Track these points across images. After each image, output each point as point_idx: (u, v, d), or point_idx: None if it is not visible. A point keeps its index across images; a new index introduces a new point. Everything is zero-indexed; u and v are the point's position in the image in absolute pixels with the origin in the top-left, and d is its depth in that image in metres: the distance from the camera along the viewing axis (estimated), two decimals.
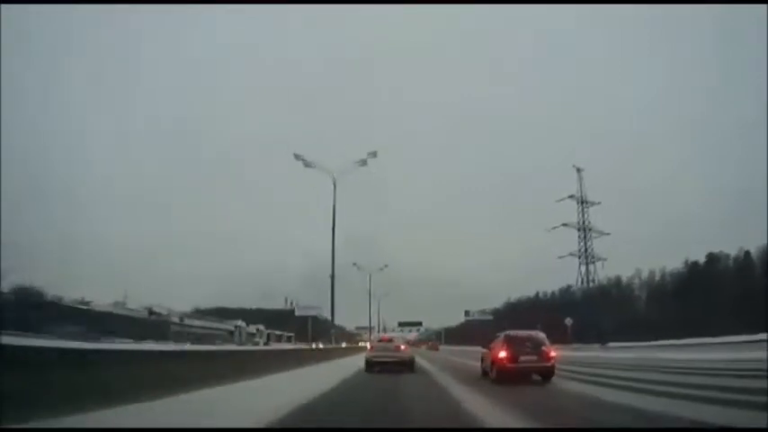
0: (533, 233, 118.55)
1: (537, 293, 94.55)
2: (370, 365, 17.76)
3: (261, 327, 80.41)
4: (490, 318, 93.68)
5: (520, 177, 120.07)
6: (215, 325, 71.49)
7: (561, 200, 70.69)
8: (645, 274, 70.96)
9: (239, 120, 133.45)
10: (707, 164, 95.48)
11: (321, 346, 48.18)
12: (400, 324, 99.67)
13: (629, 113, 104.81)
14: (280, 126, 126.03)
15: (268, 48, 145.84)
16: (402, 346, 18.20)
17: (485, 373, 14.83)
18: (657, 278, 68.95)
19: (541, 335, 13.89)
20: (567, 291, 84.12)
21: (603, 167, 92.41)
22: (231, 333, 72.93)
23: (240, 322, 75.71)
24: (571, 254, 71.53)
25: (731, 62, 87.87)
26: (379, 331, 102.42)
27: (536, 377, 13.22)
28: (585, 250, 70.80)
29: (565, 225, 71.15)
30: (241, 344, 59.09)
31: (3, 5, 34.16)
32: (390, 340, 19.25)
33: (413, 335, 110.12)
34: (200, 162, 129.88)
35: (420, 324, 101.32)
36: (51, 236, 71.79)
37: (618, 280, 73.57)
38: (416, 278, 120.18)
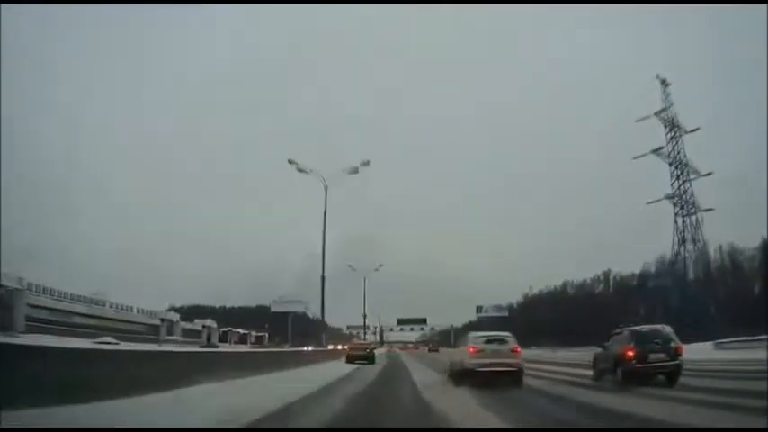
0: (557, 219, 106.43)
1: (564, 284, 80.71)
2: (467, 374, 12.64)
3: (209, 322, 67.37)
4: (506, 314, 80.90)
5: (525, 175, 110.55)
6: (125, 317, 54.93)
7: (641, 119, 49.98)
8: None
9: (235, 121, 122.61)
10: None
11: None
12: (399, 321, 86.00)
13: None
14: (278, 126, 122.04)
15: (268, 48, 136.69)
16: (516, 347, 13.05)
17: (599, 376, 13.61)
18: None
19: (668, 329, 12.45)
20: (604, 277, 70.58)
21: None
22: (157, 328, 57.97)
23: (171, 314, 61.92)
24: (667, 196, 50.34)
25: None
26: (371, 332, 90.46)
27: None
28: (682, 194, 49.09)
29: (656, 152, 49.95)
30: (162, 342, 45.23)
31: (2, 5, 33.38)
32: (503, 341, 13.28)
33: (414, 334, 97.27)
34: (195, 162, 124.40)
35: (424, 322, 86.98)
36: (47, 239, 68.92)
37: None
38: (423, 278, 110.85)
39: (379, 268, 52.89)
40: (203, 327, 64.82)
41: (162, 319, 60.06)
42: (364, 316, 50.72)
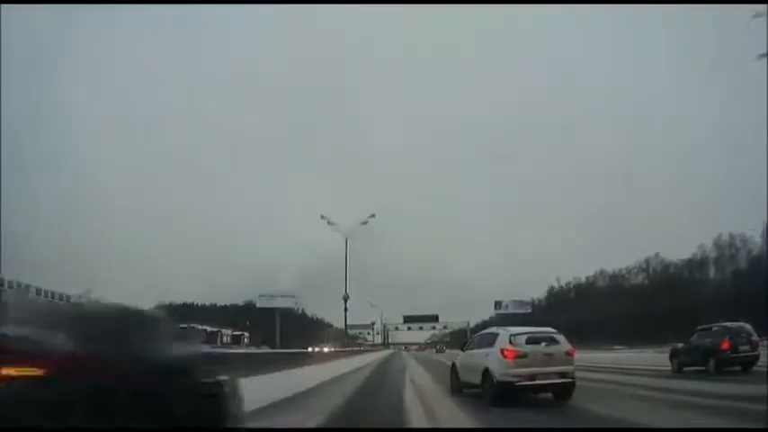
0: (588, 202, 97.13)
1: (596, 275, 70.98)
2: (500, 393, 8.87)
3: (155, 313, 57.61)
4: (529, 310, 71.78)
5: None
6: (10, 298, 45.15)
7: (758, 15, 36.58)
8: None
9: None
10: None
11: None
12: (407, 319, 77.17)
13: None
14: (277, 122, 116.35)
15: (270, 49, 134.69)
16: (571, 350, 9.39)
17: (679, 368, 15.52)
18: None
19: (749, 326, 14.76)
20: (646, 265, 60.70)
21: None
22: None
23: (83, 297, 50.67)
24: None
25: None
26: (375, 331, 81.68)
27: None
28: None
29: None
30: None
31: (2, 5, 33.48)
32: (552, 340, 9.43)
33: (424, 334, 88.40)
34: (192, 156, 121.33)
35: (435, 319, 77.95)
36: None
37: None
38: (435, 274, 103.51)
39: (369, 221, 38.32)
40: None
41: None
42: (345, 299, 36.81)
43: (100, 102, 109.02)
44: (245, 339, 66.28)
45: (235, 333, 65.96)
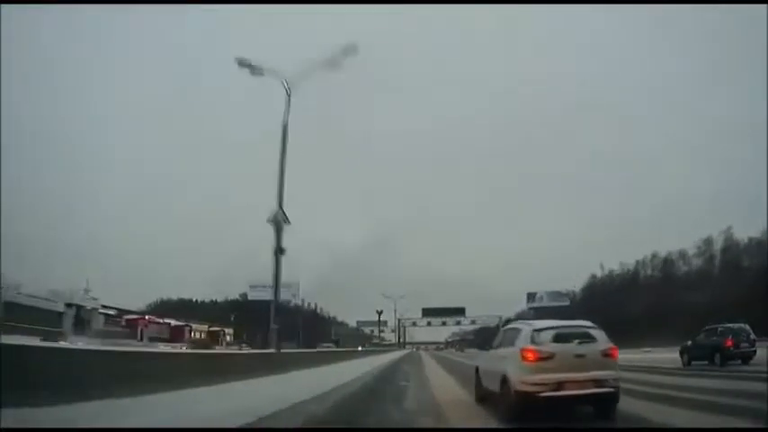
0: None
1: (645, 259, 62.23)
2: (517, 405, 7.40)
3: (84, 299, 44.41)
4: (566, 303, 64.04)
5: None
6: None
7: None
8: None
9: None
10: None
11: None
12: (426, 313, 69.71)
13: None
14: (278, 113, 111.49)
15: (264, 47, 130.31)
16: (612, 349, 7.37)
17: (689, 362, 18.63)
18: None
19: (747, 326, 17.53)
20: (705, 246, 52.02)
21: None
22: None
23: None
24: None
25: None
26: (389, 329, 73.84)
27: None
28: None
29: None
30: None
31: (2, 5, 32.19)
32: (587, 336, 7.48)
33: (446, 331, 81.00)
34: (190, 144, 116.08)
35: (461, 313, 70.31)
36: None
37: None
38: (461, 263, 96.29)
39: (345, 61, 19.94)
40: (68, 306, 43.17)
41: None
42: (275, 223, 18.34)
43: (98, 99, 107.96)
44: (227, 336, 58.35)
45: (211, 329, 56.73)
